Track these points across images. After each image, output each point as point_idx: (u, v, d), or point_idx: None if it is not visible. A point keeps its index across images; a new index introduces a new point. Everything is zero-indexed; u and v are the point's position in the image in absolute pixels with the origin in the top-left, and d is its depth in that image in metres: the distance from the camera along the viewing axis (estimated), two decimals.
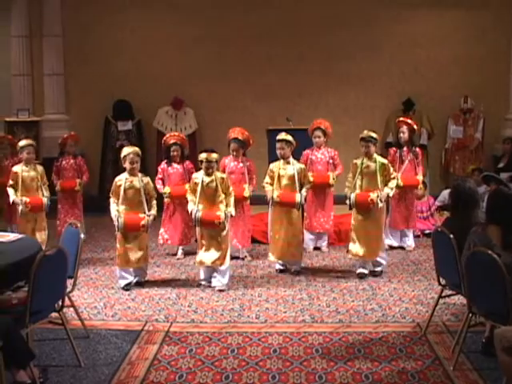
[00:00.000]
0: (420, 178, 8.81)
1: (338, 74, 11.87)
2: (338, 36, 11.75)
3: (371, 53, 11.83)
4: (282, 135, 7.88)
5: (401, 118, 9.17)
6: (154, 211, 7.39)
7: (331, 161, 8.84)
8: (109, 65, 12.06)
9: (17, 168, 8.25)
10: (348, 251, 7.85)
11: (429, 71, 11.80)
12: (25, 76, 12.20)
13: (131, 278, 7.40)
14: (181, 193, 8.32)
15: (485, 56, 11.73)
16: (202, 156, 7.30)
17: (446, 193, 9.63)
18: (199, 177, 7.33)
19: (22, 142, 8.42)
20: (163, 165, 8.68)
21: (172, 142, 8.61)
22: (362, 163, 7.60)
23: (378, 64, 11.86)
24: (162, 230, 8.73)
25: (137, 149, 7.45)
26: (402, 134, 8.85)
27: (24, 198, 8.08)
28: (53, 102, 12.29)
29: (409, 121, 8.95)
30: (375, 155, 7.65)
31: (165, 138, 8.75)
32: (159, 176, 8.58)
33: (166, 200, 8.51)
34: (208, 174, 7.29)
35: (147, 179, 7.48)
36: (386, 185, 7.58)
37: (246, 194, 8.32)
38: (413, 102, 11.50)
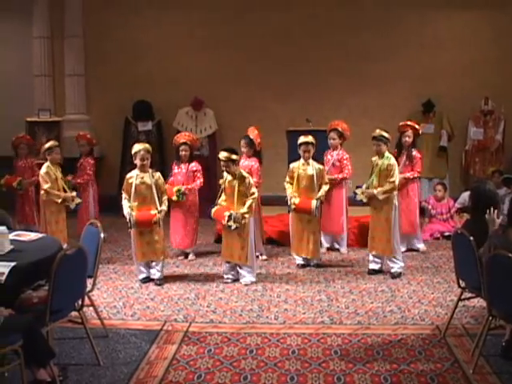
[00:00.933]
0: (407, 175, 8.63)
1: (358, 75, 11.82)
2: (358, 37, 11.71)
3: (392, 54, 11.78)
4: (305, 138, 7.96)
5: (408, 122, 8.93)
6: (164, 207, 7.53)
7: (338, 163, 8.79)
8: (129, 65, 12.10)
9: (47, 169, 8.24)
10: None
11: (449, 72, 11.71)
12: (46, 77, 12.30)
13: (147, 273, 7.61)
14: (171, 195, 8.33)
15: (506, 57, 11.62)
16: (219, 155, 7.42)
17: (465, 195, 9.57)
18: (225, 175, 7.47)
19: (50, 144, 8.43)
20: (174, 164, 8.71)
21: (181, 141, 8.56)
22: (376, 162, 7.73)
23: (399, 65, 11.80)
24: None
25: (147, 145, 7.57)
26: (407, 138, 8.69)
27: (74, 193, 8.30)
28: (73, 103, 12.37)
29: (416, 126, 8.83)
30: (387, 154, 7.69)
31: (175, 138, 8.73)
32: (170, 174, 8.61)
33: None
34: (228, 173, 7.38)
35: (158, 174, 7.61)
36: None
37: None
38: (433, 103, 11.44)
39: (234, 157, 7.32)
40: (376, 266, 7.85)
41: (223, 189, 7.50)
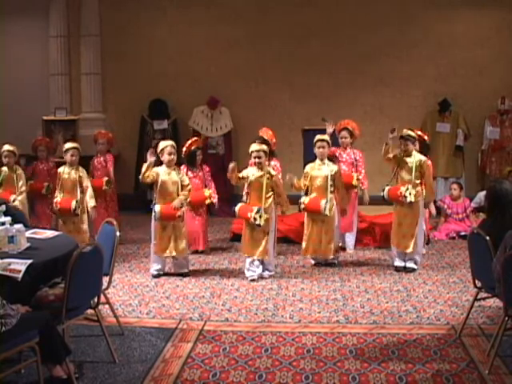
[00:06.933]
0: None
1: (375, 74, 11.78)
2: (375, 36, 11.66)
3: (408, 53, 11.73)
4: (322, 136, 8.05)
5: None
6: (182, 196, 7.62)
7: (355, 162, 8.77)
8: (145, 64, 12.13)
9: (60, 169, 8.36)
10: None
11: (466, 72, 11.65)
12: (63, 75, 12.33)
13: (161, 266, 7.78)
14: (200, 198, 8.56)
15: None
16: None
17: (481, 194, 9.54)
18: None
19: (68, 145, 8.47)
20: (183, 169, 8.70)
21: (194, 147, 8.75)
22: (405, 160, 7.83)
23: (415, 64, 11.74)
24: None
25: (172, 142, 7.87)
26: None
27: (56, 199, 8.26)
28: (90, 101, 12.40)
29: (419, 132, 8.67)
30: (415, 153, 7.80)
31: (187, 145, 8.79)
32: None
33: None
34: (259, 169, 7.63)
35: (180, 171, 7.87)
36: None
37: None
38: (449, 102, 11.38)
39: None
40: (401, 263, 7.92)
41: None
